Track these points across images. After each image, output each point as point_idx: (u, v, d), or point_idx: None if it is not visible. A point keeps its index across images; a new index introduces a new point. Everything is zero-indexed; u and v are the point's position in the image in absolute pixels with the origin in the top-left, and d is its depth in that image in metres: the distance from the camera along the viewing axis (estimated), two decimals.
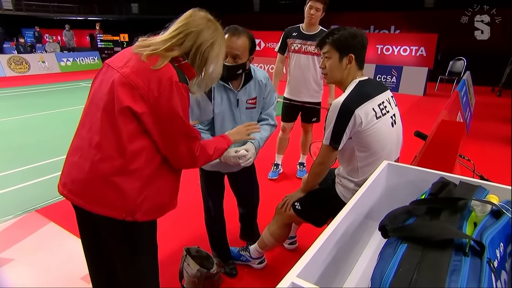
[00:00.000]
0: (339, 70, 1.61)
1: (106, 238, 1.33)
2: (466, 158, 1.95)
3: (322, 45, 1.63)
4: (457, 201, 0.85)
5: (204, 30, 1.25)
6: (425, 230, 0.76)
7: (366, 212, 1.14)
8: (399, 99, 8.30)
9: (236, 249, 2.30)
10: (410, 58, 10.37)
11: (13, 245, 2.52)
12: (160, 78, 1.15)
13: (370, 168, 1.55)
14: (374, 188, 1.15)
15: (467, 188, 0.95)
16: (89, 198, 1.20)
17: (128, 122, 1.16)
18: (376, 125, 1.52)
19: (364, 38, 1.59)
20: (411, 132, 2.32)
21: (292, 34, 3.20)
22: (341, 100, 1.51)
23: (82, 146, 1.21)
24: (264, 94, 1.90)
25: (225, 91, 1.79)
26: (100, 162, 1.16)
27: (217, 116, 1.81)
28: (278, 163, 3.69)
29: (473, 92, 7.32)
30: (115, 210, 1.20)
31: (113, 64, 1.22)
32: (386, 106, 1.60)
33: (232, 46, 1.65)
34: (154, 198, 1.26)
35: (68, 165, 1.26)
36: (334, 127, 1.51)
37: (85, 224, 1.38)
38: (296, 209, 1.82)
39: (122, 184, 1.17)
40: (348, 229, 0.98)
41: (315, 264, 0.77)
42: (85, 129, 1.23)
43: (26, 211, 2.97)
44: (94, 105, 1.22)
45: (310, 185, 1.80)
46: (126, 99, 1.14)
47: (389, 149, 1.59)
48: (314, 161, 1.71)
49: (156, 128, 1.18)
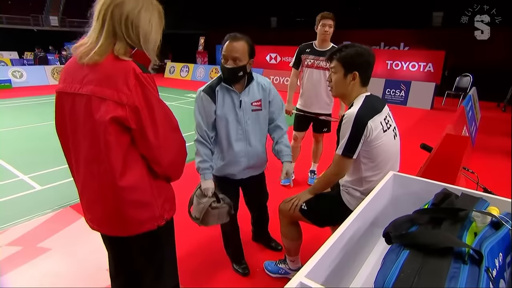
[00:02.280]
0: (343, 85, 1.61)
1: (137, 254, 1.27)
2: (470, 171, 1.90)
3: (330, 60, 1.64)
4: (458, 212, 0.84)
5: (125, 1, 1.05)
6: (426, 238, 0.76)
7: (372, 220, 1.13)
8: (407, 112, 8.18)
9: (273, 262, 2.20)
10: (418, 74, 10.21)
11: (50, 236, 2.61)
12: (124, 75, 1.03)
13: (375, 178, 1.54)
14: (380, 197, 1.15)
15: (468, 199, 0.94)
16: (121, 226, 1.16)
17: (120, 136, 1.06)
18: (383, 138, 1.51)
19: (370, 56, 1.58)
20: (418, 144, 2.28)
21: (306, 50, 3.24)
22: (355, 111, 1.50)
23: (85, 183, 1.15)
24: (269, 98, 1.90)
25: (228, 93, 1.80)
26: (110, 190, 1.10)
27: (221, 118, 1.80)
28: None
29: (479, 107, 7.12)
30: (147, 223, 1.18)
31: (69, 89, 1.08)
32: (389, 120, 1.60)
33: (232, 49, 1.69)
34: (167, 192, 1.24)
35: (84, 203, 1.21)
36: (350, 136, 1.50)
37: (113, 247, 1.35)
38: (302, 209, 1.79)
39: (141, 197, 1.14)
40: (355, 235, 0.98)
41: (322, 266, 0.77)
42: (82, 165, 1.14)
43: (62, 206, 3.08)
44: (80, 137, 1.10)
45: (319, 191, 1.79)
46: (105, 114, 1.02)
47: (393, 160, 1.58)
48: (328, 171, 1.68)
49: (140, 125, 1.06)
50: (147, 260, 1.29)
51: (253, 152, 1.91)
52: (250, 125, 1.85)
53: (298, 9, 16.31)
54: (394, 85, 9.25)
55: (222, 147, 1.87)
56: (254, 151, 1.92)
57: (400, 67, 10.63)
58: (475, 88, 6.93)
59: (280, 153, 1.96)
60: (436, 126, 6.43)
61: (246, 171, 1.96)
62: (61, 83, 1.12)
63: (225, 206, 1.84)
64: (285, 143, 1.97)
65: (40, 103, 8.53)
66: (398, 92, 9.16)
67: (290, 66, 3.43)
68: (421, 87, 8.84)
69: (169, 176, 1.22)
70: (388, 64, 10.83)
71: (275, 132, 1.99)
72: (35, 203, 3.16)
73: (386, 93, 9.30)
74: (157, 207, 1.19)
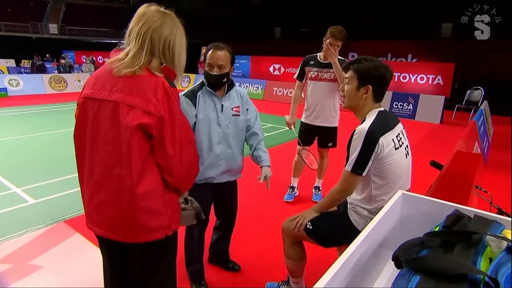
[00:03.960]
0: (355, 97, 1.62)
1: (140, 264, 1.32)
2: (483, 190, 1.90)
3: (347, 69, 1.66)
4: (471, 235, 0.84)
5: (164, 24, 1.22)
6: (438, 263, 0.75)
7: (380, 241, 1.13)
8: (416, 126, 8.15)
9: (275, 284, 2.18)
10: (427, 86, 10.27)
11: (42, 253, 2.60)
12: (154, 87, 1.17)
13: (384, 197, 1.53)
14: (388, 217, 1.14)
15: (482, 222, 0.93)
16: (130, 231, 1.22)
17: (142, 143, 1.17)
18: (395, 155, 1.52)
19: (388, 73, 1.59)
20: (427, 161, 2.28)
21: (309, 63, 3.29)
22: (366, 127, 1.51)
23: (101, 184, 1.21)
24: (246, 106, 2.09)
25: (210, 97, 1.96)
26: (127, 193, 1.17)
27: (202, 120, 1.93)
28: (294, 186, 3.67)
29: (491, 122, 7.12)
30: (156, 232, 1.23)
31: (98, 95, 1.20)
32: (401, 138, 1.60)
33: (217, 57, 1.88)
34: (176, 203, 1.32)
35: (95, 205, 1.25)
36: (360, 153, 1.51)
37: (115, 258, 1.38)
38: (307, 228, 1.77)
39: (154, 205, 1.21)
40: (363, 257, 0.98)
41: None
42: (101, 168, 1.21)
43: (56, 221, 3.07)
44: (101, 141, 1.20)
45: (325, 209, 1.78)
46: (132, 120, 1.14)
47: (404, 179, 1.58)
48: (335, 188, 1.68)
49: (161, 135, 1.17)
50: (150, 270, 1.33)
51: (233, 155, 2.05)
52: (231, 128, 2.01)
53: (303, 19, 16.60)
54: (402, 98, 9.31)
55: (202, 151, 1.97)
56: (233, 154, 2.05)
57: (408, 79, 10.71)
58: (486, 102, 6.94)
59: (259, 158, 2.10)
60: (446, 141, 6.43)
61: (225, 175, 2.07)
62: (88, 89, 1.24)
63: (192, 209, 1.86)
64: (262, 149, 2.12)
65: (37, 113, 8.63)
66: (406, 106, 9.20)
67: (294, 78, 3.47)
68: (430, 100, 8.89)
69: (179, 187, 1.31)
70: (395, 77, 10.88)
71: (252, 139, 2.13)
72: (28, 217, 3.15)
73: (394, 106, 9.35)
74: (167, 216, 1.26)
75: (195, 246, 2.17)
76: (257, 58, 15.19)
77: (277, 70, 14.18)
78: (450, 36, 12.01)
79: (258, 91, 12.48)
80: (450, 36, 11.98)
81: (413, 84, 10.58)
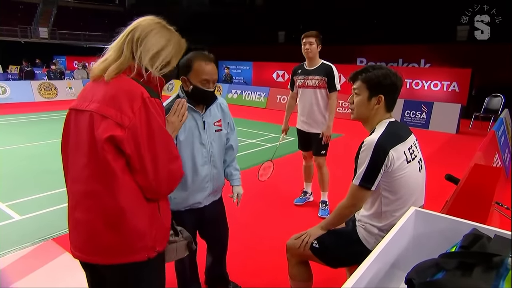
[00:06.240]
0: (366, 109, 1.64)
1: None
2: (504, 206, 1.88)
3: (354, 80, 1.67)
4: (492, 257, 0.83)
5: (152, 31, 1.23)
6: (456, 287, 0.75)
7: (392, 261, 1.12)
8: (430, 136, 8.11)
9: None
10: (442, 94, 10.29)
11: (28, 274, 2.58)
12: (131, 98, 1.14)
13: (395, 213, 1.53)
14: (400, 235, 1.14)
15: (503, 242, 0.93)
16: (106, 252, 1.19)
17: (117, 157, 1.14)
18: (407, 169, 1.52)
19: (398, 80, 1.61)
20: (442, 174, 2.27)
21: (297, 72, 3.61)
22: (375, 139, 1.52)
23: (79, 201, 1.20)
24: (227, 119, 2.04)
25: (191, 114, 1.82)
26: (101, 210, 1.15)
27: (185, 144, 1.83)
28: (307, 191, 3.94)
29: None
30: (137, 253, 1.19)
31: (80, 106, 1.21)
32: (414, 150, 1.61)
33: (213, 72, 1.81)
34: (162, 223, 1.28)
35: (72, 226, 1.25)
36: (369, 166, 1.51)
37: (94, 282, 1.36)
38: (313, 247, 1.76)
39: (135, 223, 1.17)
40: (374, 278, 0.97)
41: None
42: (76, 183, 1.21)
43: (43, 239, 3.07)
44: (78, 154, 1.19)
45: (332, 226, 1.77)
46: (103, 132, 1.12)
47: (417, 195, 1.57)
48: (342, 203, 1.68)
49: (138, 153, 1.14)
50: None
51: (218, 175, 2.01)
52: (215, 146, 1.95)
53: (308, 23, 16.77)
54: (414, 106, 9.31)
55: (186, 175, 1.87)
56: (219, 174, 2.02)
57: (421, 86, 10.75)
58: (507, 110, 6.93)
59: (231, 176, 2.14)
60: (463, 152, 6.41)
61: (210, 196, 2.02)
62: (76, 100, 1.26)
63: (183, 240, 1.82)
64: (235, 166, 2.16)
65: (25, 122, 8.71)
66: (419, 114, 9.21)
67: (288, 88, 3.83)
68: (445, 109, 8.89)
69: (159, 200, 1.28)
70: (407, 83, 10.92)
71: (228, 154, 2.12)
72: (13, 235, 3.15)
73: (405, 115, 9.36)
74: (150, 235, 1.21)
75: (186, 271, 2.13)
76: (259, 64, 15.32)
77: (280, 76, 14.27)
78: (466, 39, 12.04)
79: (261, 99, 12.56)
80: (466, 39, 12.01)
81: (426, 91, 10.60)
